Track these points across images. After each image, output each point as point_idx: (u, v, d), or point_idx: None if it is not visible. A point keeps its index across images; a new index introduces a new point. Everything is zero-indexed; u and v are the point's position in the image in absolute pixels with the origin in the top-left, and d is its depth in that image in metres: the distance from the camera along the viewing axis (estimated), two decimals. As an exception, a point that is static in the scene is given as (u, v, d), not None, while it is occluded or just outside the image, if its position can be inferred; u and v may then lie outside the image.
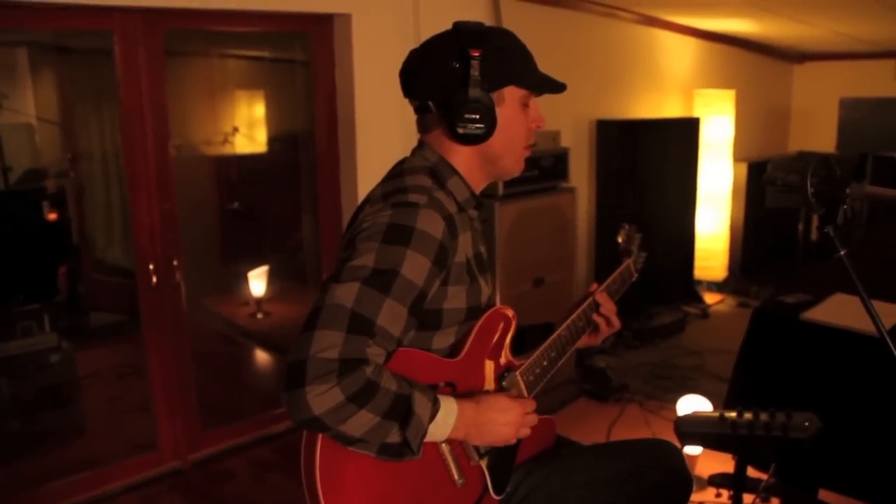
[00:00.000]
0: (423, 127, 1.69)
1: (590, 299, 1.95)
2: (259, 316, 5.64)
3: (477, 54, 1.53)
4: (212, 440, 3.76)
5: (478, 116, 1.55)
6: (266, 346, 5.46)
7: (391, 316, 1.40)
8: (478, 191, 1.71)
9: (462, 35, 1.57)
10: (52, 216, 4.62)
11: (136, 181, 3.37)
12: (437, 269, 1.49)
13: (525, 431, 1.60)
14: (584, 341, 1.97)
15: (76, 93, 5.53)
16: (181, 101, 5.23)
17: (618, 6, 5.34)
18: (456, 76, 1.55)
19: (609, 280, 2.07)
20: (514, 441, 1.59)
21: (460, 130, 1.56)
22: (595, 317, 1.93)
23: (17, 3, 2.87)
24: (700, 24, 6.17)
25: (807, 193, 1.57)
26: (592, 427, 3.98)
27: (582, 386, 4.44)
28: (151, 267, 3.42)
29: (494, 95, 1.58)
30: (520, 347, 1.83)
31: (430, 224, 1.48)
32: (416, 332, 1.54)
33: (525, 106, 1.66)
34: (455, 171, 1.65)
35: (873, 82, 7.46)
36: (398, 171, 1.64)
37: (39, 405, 4.24)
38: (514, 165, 1.71)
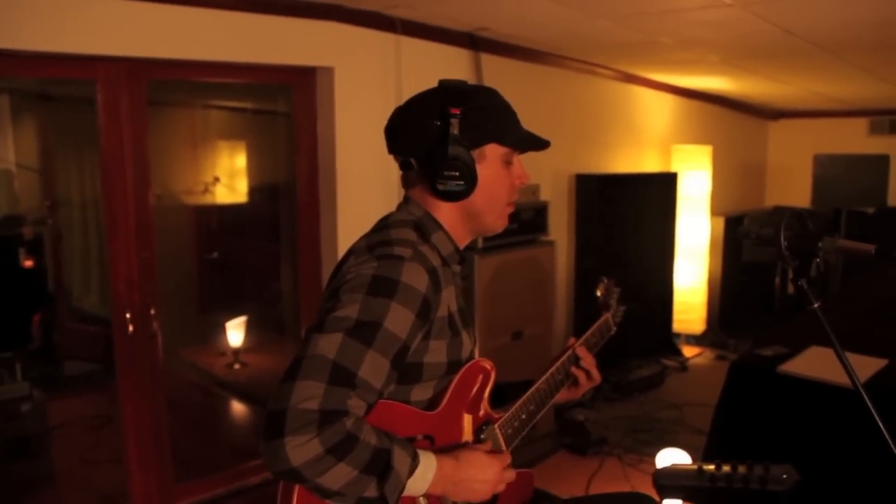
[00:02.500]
0: (407, 183, 1.71)
1: (568, 353, 1.95)
2: (236, 366, 5.58)
3: (456, 112, 1.55)
4: (185, 492, 3.69)
5: (457, 173, 1.56)
6: (242, 397, 5.39)
7: (373, 368, 1.39)
8: (462, 246, 1.71)
9: (444, 93, 1.59)
10: (29, 263, 4.59)
11: (115, 229, 3.35)
12: (420, 323, 1.49)
13: (501, 487, 1.59)
14: (563, 395, 1.97)
15: (57, 140, 5.53)
16: (163, 151, 5.24)
17: (597, 63, 5.45)
18: (436, 134, 1.57)
19: (587, 334, 2.08)
20: (488, 497, 1.58)
21: (440, 187, 1.58)
22: (574, 370, 1.94)
23: (2, 52, 2.89)
24: (677, 81, 6.29)
25: (780, 247, 1.58)
26: (571, 481, 3.96)
27: (561, 439, 4.42)
28: (128, 315, 3.39)
29: (475, 153, 1.60)
30: (499, 402, 1.82)
31: (415, 277, 1.48)
32: (396, 384, 1.53)
33: (508, 163, 1.67)
34: (440, 226, 1.66)
35: (846, 139, 7.63)
36: (383, 225, 1.65)
37: (8, 455, 4.16)
38: (496, 221, 1.71)
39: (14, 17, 2.83)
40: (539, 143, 1.70)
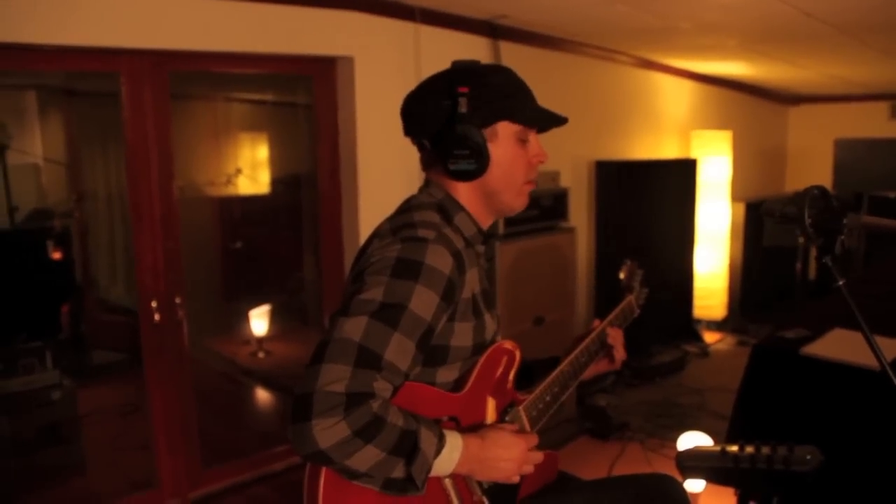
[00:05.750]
0: (425, 164, 1.72)
1: (593, 335, 1.96)
2: (260, 355, 5.63)
3: (465, 91, 1.55)
4: (212, 478, 3.75)
5: (468, 152, 1.56)
6: (267, 385, 5.44)
7: (399, 350, 1.40)
8: (485, 226, 1.71)
9: (454, 73, 1.60)
10: (57, 255, 4.64)
11: (140, 220, 3.40)
12: (444, 305, 1.49)
13: (528, 468, 1.59)
14: (594, 369, 1.98)
15: (83, 134, 5.59)
16: (186, 143, 5.28)
17: (615, 49, 5.43)
18: (446, 114, 1.57)
19: (611, 315, 2.08)
20: (516, 479, 1.59)
21: (451, 167, 1.58)
22: (610, 340, 1.97)
23: (27, 46, 2.93)
24: (696, 67, 6.26)
25: (804, 224, 1.58)
26: (594, 465, 3.97)
27: (583, 424, 4.43)
28: (154, 304, 3.44)
29: (487, 131, 1.60)
30: (525, 382, 1.84)
31: (439, 259, 1.48)
32: (421, 367, 1.54)
33: (523, 141, 1.66)
34: (461, 207, 1.66)
35: (867, 123, 7.55)
36: (406, 207, 1.66)
37: (40, 442, 4.22)
38: (515, 200, 1.70)
39: (38, 12, 2.87)
40: (554, 120, 1.68)
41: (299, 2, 3.58)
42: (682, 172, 6.08)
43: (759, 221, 6.44)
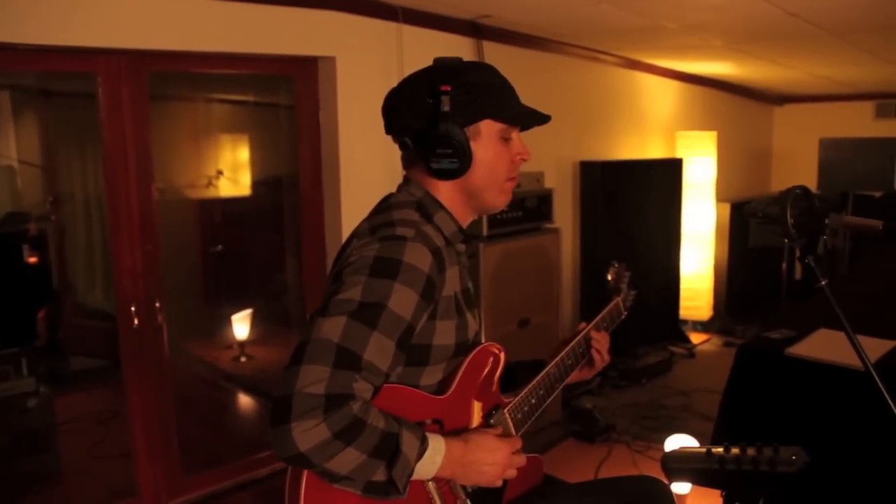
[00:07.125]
0: (406, 162, 1.70)
1: (579, 337, 1.95)
2: (242, 359, 5.58)
3: (447, 89, 1.53)
4: (193, 485, 3.70)
5: (450, 151, 1.54)
6: (249, 390, 5.40)
7: (378, 350, 1.39)
8: (465, 225, 1.70)
9: (436, 71, 1.58)
10: (33, 259, 4.58)
11: (118, 223, 3.35)
12: (424, 303, 1.48)
13: (511, 473, 1.58)
14: (576, 376, 1.98)
15: (59, 136, 5.52)
16: (165, 145, 5.22)
17: (600, 49, 5.42)
18: (428, 112, 1.55)
19: (598, 317, 2.08)
20: (499, 483, 1.57)
21: (434, 166, 1.56)
22: (592, 351, 1.95)
23: (1, 46, 2.88)
24: (681, 66, 6.26)
25: (787, 224, 1.57)
26: (580, 468, 3.95)
27: (569, 427, 4.41)
28: (133, 308, 3.39)
29: (470, 130, 1.58)
30: (509, 384, 1.82)
31: (418, 257, 1.47)
32: (405, 368, 1.53)
33: (506, 139, 1.64)
34: (441, 206, 1.64)
35: (852, 123, 7.59)
36: (385, 206, 1.64)
37: (16, 451, 4.16)
38: (496, 198, 1.68)
39: (13, 10, 2.82)
40: (537, 118, 1.66)
41: (280, 1, 3.55)
42: (667, 173, 6.08)
43: (745, 221, 6.45)
